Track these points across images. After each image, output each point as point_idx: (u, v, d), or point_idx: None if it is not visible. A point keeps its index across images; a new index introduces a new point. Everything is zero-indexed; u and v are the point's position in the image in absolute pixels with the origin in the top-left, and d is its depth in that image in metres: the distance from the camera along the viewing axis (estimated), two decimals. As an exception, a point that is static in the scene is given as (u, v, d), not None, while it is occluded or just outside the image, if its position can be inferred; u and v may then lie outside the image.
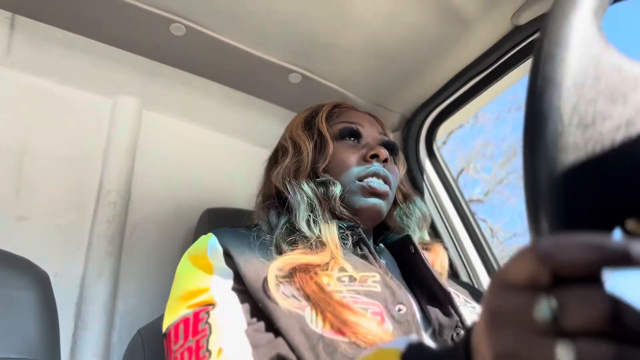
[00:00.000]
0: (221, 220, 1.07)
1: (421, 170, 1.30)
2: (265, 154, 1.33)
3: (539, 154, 0.25)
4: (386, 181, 0.81)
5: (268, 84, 1.24)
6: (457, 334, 0.64)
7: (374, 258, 0.74)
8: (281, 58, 1.15)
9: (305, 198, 0.78)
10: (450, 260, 1.15)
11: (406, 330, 0.61)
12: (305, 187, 0.79)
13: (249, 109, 1.32)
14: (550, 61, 0.27)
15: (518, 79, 1.13)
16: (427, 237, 0.91)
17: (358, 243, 0.77)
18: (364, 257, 0.75)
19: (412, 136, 1.31)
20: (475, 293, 0.85)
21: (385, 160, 0.83)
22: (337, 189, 0.78)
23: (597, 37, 0.27)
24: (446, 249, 0.92)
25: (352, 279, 0.67)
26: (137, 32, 1.07)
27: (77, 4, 1.00)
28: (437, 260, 0.84)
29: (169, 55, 1.16)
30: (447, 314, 0.68)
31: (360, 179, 0.80)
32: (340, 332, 0.58)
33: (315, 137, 0.87)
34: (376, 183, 0.80)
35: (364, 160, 0.82)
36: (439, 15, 0.99)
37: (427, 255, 0.82)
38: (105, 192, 1.09)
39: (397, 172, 0.88)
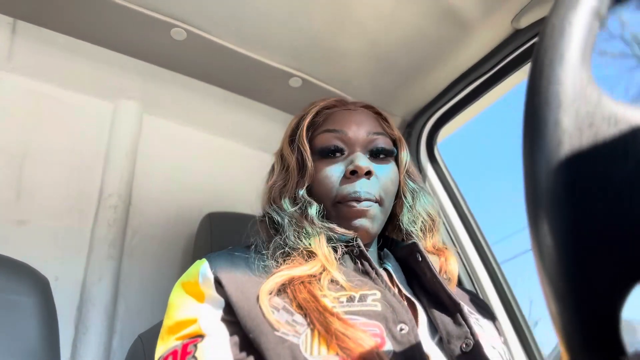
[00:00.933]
0: (222, 225, 1.07)
1: (422, 175, 1.30)
2: (266, 157, 1.33)
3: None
4: (369, 198, 0.76)
5: (269, 88, 1.24)
6: (466, 344, 0.63)
7: (376, 273, 0.71)
8: (282, 62, 1.15)
9: (286, 218, 0.76)
10: None
11: (407, 351, 0.59)
12: (288, 207, 0.77)
13: (250, 113, 1.32)
14: (543, 125, 0.26)
15: (518, 81, 1.13)
16: (439, 243, 0.85)
17: (358, 258, 0.74)
18: (364, 272, 0.72)
19: (413, 140, 1.31)
20: (478, 303, 0.83)
21: (369, 173, 0.77)
22: (312, 211, 0.75)
23: (589, 89, 0.25)
24: (464, 255, 0.90)
25: (350, 298, 0.65)
26: (138, 36, 1.08)
27: (79, 9, 1.00)
28: (447, 267, 0.80)
29: (170, 60, 1.16)
30: (457, 323, 0.66)
31: (340, 201, 0.76)
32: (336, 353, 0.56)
33: (297, 155, 0.82)
34: (357, 205, 0.75)
35: (345, 177, 0.77)
36: (439, 18, 0.99)
37: (436, 261, 0.79)
38: (106, 196, 1.09)
39: (392, 176, 0.81)
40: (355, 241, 0.75)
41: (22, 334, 0.72)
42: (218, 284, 0.64)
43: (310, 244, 0.72)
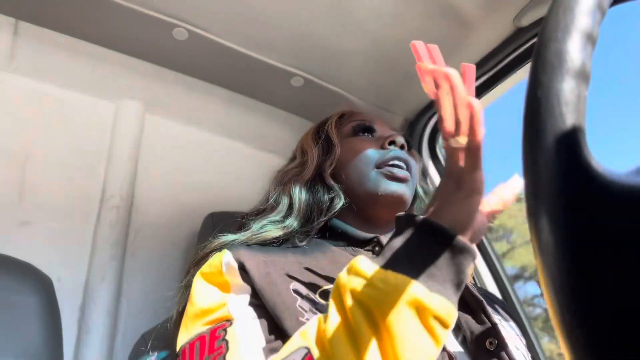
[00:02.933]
0: (224, 224, 1.07)
1: (424, 174, 1.30)
2: (268, 157, 1.33)
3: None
4: (407, 166, 0.79)
5: (270, 87, 1.24)
6: (491, 343, 0.63)
7: None
8: (283, 61, 1.15)
9: (300, 200, 0.78)
10: None
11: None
12: (303, 195, 0.79)
13: (252, 113, 1.32)
14: (542, 132, 0.25)
15: (520, 80, 1.13)
16: None
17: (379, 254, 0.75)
18: None
19: (415, 139, 1.31)
20: (498, 304, 0.82)
21: (402, 147, 0.82)
22: (339, 202, 0.77)
23: (584, 165, 0.25)
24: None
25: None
26: (139, 36, 1.08)
27: (80, 9, 1.00)
28: None
29: (172, 60, 1.17)
30: (479, 321, 0.66)
31: (379, 166, 0.78)
32: None
33: (323, 141, 0.87)
34: (397, 169, 0.78)
35: (382, 147, 0.81)
36: (441, 17, 0.99)
37: None
38: (109, 197, 1.09)
39: (415, 161, 0.85)
40: (376, 238, 0.75)
41: (26, 333, 0.72)
42: (243, 271, 0.63)
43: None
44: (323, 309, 0.60)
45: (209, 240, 0.75)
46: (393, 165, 0.78)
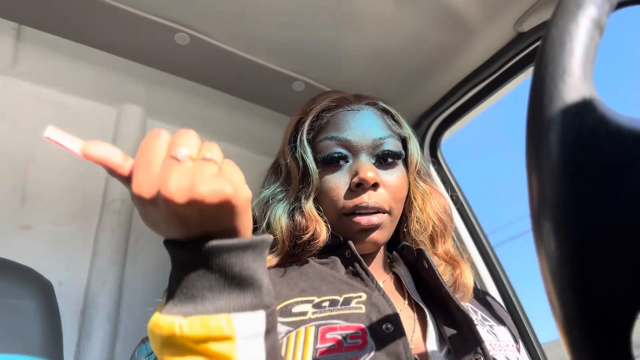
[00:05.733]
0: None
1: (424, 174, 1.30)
2: (269, 162, 1.33)
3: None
4: (378, 208, 0.73)
5: (272, 92, 1.25)
6: (477, 358, 0.62)
7: (366, 273, 0.70)
8: (285, 66, 1.16)
9: (283, 233, 0.73)
10: None
11: (392, 348, 0.58)
12: (283, 222, 0.74)
13: (253, 118, 1.32)
14: (546, 142, 0.25)
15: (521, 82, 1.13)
16: (452, 249, 0.82)
17: (350, 260, 0.72)
18: (355, 274, 0.70)
19: (416, 143, 1.30)
20: (493, 305, 0.82)
21: (375, 185, 0.74)
22: (323, 235, 0.72)
23: (592, 104, 0.25)
24: (473, 265, 0.87)
25: (333, 302, 0.64)
26: (141, 41, 1.08)
27: (83, 14, 1.01)
28: (461, 280, 0.76)
29: (174, 65, 1.17)
30: (465, 337, 0.65)
31: (347, 214, 0.74)
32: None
33: (300, 163, 0.78)
34: (365, 218, 0.72)
35: (351, 190, 0.74)
36: (442, 22, 0.99)
37: (449, 272, 0.77)
38: (110, 201, 1.09)
39: (400, 183, 0.77)
40: (346, 244, 0.73)
41: (26, 338, 0.72)
42: None
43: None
44: (280, 328, 0.59)
45: None
46: (360, 214, 0.73)
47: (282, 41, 1.07)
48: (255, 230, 0.77)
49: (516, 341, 0.76)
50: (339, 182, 0.75)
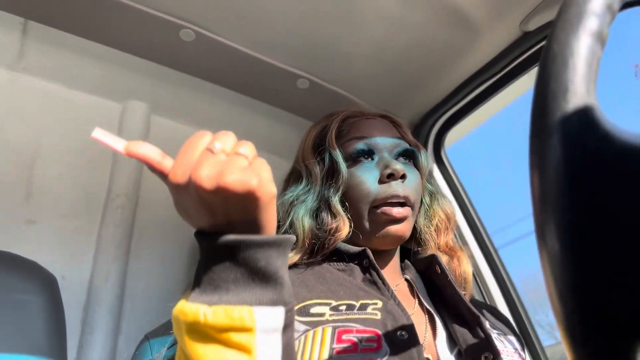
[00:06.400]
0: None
1: (429, 178, 1.29)
2: (273, 159, 1.33)
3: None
4: (406, 201, 0.78)
5: (276, 89, 1.25)
6: (486, 357, 0.63)
7: (383, 282, 0.72)
8: (289, 64, 1.16)
9: (304, 233, 0.77)
10: None
11: (406, 353, 0.60)
12: (306, 221, 0.78)
13: (257, 115, 1.32)
14: (550, 162, 0.24)
15: (528, 86, 1.12)
16: (451, 241, 0.87)
17: (367, 269, 0.75)
18: (372, 282, 0.73)
19: (420, 142, 1.30)
20: (500, 319, 0.83)
21: (403, 176, 0.79)
22: (344, 230, 0.76)
23: (595, 122, 0.24)
24: (471, 257, 0.90)
25: (350, 307, 0.66)
26: (147, 37, 1.08)
27: (89, 10, 1.01)
28: (460, 269, 0.81)
29: (178, 61, 1.17)
30: (476, 336, 0.66)
31: (377, 205, 0.77)
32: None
33: (327, 161, 0.83)
34: (395, 209, 0.76)
35: (380, 182, 0.78)
36: (447, 21, 0.99)
37: (449, 263, 0.81)
38: (114, 197, 1.10)
39: (419, 180, 0.83)
40: (364, 252, 0.76)
41: (30, 331, 0.72)
42: None
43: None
44: (297, 327, 0.61)
45: None
46: (391, 204, 0.77)
47: (287, 38, 1.07)
48: (278, 229, 0.79)
49: (523, 350, 0.77)
50: (369, 175, 0.79)
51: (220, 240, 0.45)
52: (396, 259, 0.84)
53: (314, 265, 0.76)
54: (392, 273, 0.81)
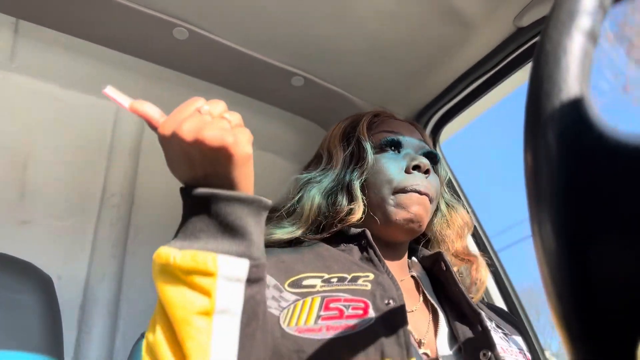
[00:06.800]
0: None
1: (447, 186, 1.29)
2: (269, 157, 1.33)
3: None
4: (427, 193, 0.80)
5: (271, 87, 1.24)
6: (484, 354, 0.64)
7: (379, 259, 0.73)
8: (284, 61, 1.15)
9: (311, 209, 0.79)
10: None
11: (389, 320, 0.61)
12: (317, 200, 0.80)
13: (252, 113, 1.32)
14: (544, 165, 0.25)
15: (522, 80, 1.13)
16: (467, 249, 0.88)
17: (365, 247, 0.77)
18: (368, 260, 0.74)
19: (415, 138, 1.30)
20: (509, 319, 0.84)
21: (427, 171, 0.81)
22: (358, 214, 0.78)
23: (589, 122, 0.24)
24: (489, 264, 0.91)
25: (341, 279, 0.68)
26: (140, 36, 1.08)
27: (81, 8, 1.00)
28: (477, 275, 0.82)
29: (172, 59, 1.17)
30: (476, 333, 0.67)
31: (399, 191, 0.79)
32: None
33: (353, 147, 0.86)
34: (416, 197, 0.78)
35: (406, 172, 0.80)
36: (441, 17, 0.99)
37: (465, 270, 0.83)
38: (109, 195, 1.09)
39: (438, 183, 0.86)
40: (363, 232, 0.78)
41: (26, 332, 0.72)
42: None
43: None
44: (287, 297, 0.64)
45: None
46: (412, 191, 0.79)
47: (281, 36, 1.07)
48: (286, 203, 0.84)
49: (529, 352, 0.78)
50: (395, 163, 0.82)
51: (195, 192, 0.51)
52: (405, 256, 0.85)
53: (314, 246, 0.78)
54: (399, 269, 0.82)
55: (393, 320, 0.61)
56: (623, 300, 0.22)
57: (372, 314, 0.61)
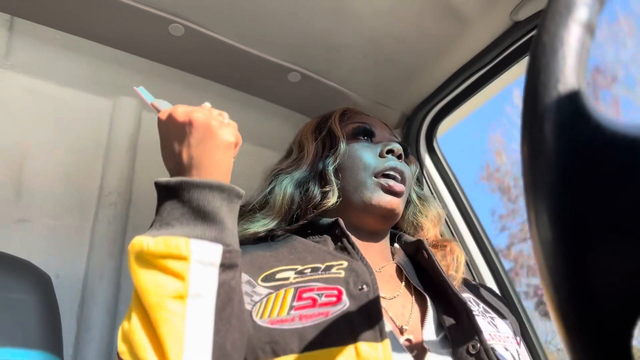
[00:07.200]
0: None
1: (422, 167, 1.30)
2: (266, 153, 1.33)
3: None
4: (402, 177, 0.82)
5: (267, 83, 1.24)
6: (473, 346, 0.63)
7: (353, 247, 0.73)
8: (280, 57, 1.15)
9: (283, 199, 0.80)
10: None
11: (363, 306, 0.61)
12: (288, 189, 0.81)
13: (249, 109, 1.32)
14: (541, 155, 0.25)
15: (518, 74, 1.13)
16: (439, 235, 0.91)
17: (339, 237, 0.77)
18: (342, 249, 0.74)
19: (412, 133, 1.31)
20: (495, 300, 0.84)
21: (400, 157, 0.84)
22: (332, 200, 0.79)
23: (586, 113, 0.24)
24: (464, 248, 0.92)
25: (314, 269, 0.68)
26: (135, 32, 1.07)
27: (76, 5, 1.00)
28: (452, 261, 0.82)
29: (168, 56, 1.16)
30: (464, 324, 0.66)
31: (377, 175, 0.80)
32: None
33: (325, 137, 0.88)
34: (393, 182, 0.80)
35: (380, 155, 0.83)
36: (438, 12, 0.99)
37: (442, 254, 0.83)
38: (106, 194, 1.09)
39: (410, 171, 0.88)
40: (336, 222, 0.78)
41: (25, 331, 0.72)
42: None
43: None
44: (259, 291, 0.64)
45: None
46: (389, 176, 0.81)
47: (277, 32, 1.06)
48: (258, 198, 0.85)
49: (516, 335, 0.77)
50: (368, 150, 0.84)
51: (169, 181, 0.53)
52: (386, 243, 0.85)
53: (288, 240, 0.78)
54: (380, 256, 0.82)
55: (366, 304, 0.61)
56: (618, 290, 0.22)
57: (345, 300, 0.61)
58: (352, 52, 1.12)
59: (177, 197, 0.52)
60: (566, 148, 0.24)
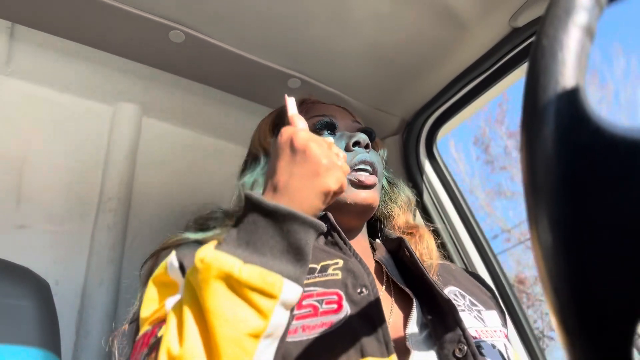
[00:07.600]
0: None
1: (421, 172, 1.30)
2: (266, 159, 1.32)
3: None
4: (373, 168, 0.79)
5: (267, 89, 1.24)
6: (460, 349, 0.62)
7: (344, 242, 0.72)
8: (280, 63, 1.15)
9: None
10: (448, 250, 1.17)
11: (365, 311, 0.60)
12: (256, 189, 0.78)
13: (249, 115, 1.32)
14: (540, 158, 0.25)
15: (516, 80, 1.13)
16: (411, 220, 0.89)
17: (329, 232, 0.75)
18: (333, 244, 0.73)
19: (412, 139, 1.31)
20: (482, 290, 0.82)
21: (367, 147, 0.81)
22: None
23: (585, 117, 0.24)
24: (434, 231, 0.91)
25: (310, 270, 0.66)
26: (136, 39, 1.08)
27: (76, 12, 1.00)
28: (422, 246, 0.82)
29: (169, 62, 1.17)
30: (450, 326, 0.65)
31: (350, 170, 0.77)
32: None
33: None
34: (364, 175, 0.77)
35: (346, 150, 0.80)
36: (437, 18, 0.99)
37: (413, 242, 0.82)
38: (106, 200, 1.09)
39: (379, 157, 0.85)
40: (325, 216, 0.76)
41: (24, 337, 0.72)
42: (182, 270, 0.64)
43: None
44: None
45: (168, 237, 0.77)
46: (360, 170, 0.78)
47: (277, 38, 1.07)
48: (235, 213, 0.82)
49: (504, 326, 0.76)
50: (335, 144, 0.80)
51: (275, 205, 0.49)
52: (365, 239, 0.84)
53: None
54: (362, 253, 0.79)
55: (368, 311, 0.60)
56: (619, 294, 0.22)
57: (346, 306, 0.60)
58: (352, 58, 1.12)
59: (278, 224, 0.49)
60: (566, 151, 0.24)
